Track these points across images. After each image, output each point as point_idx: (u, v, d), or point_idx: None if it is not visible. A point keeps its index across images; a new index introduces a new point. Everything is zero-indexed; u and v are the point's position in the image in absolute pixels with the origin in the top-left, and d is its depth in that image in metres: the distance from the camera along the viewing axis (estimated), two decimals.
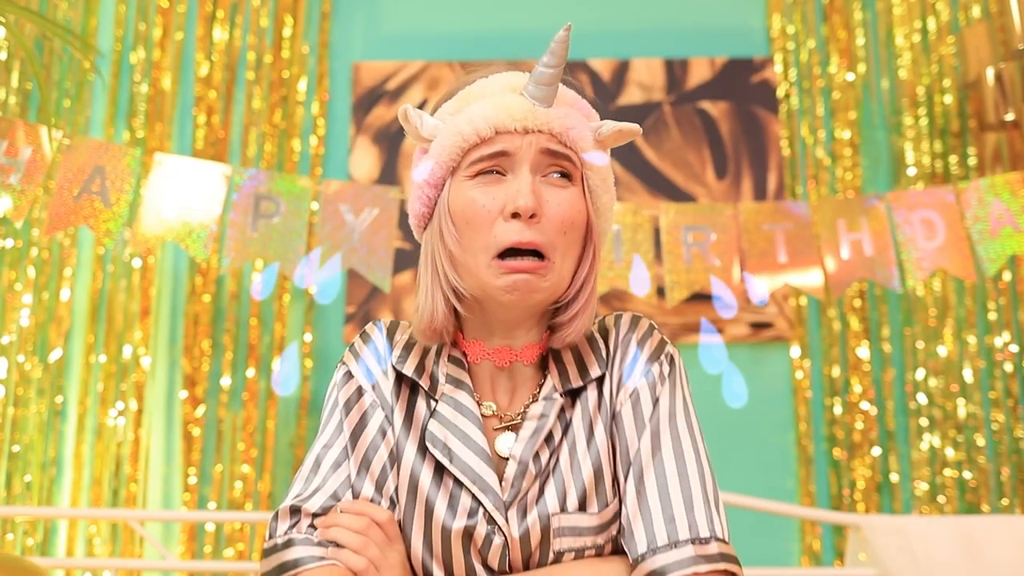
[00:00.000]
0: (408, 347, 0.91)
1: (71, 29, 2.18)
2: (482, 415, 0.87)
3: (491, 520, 0.81)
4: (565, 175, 0.84)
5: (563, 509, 0.82)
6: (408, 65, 2.28)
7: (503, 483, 0.83)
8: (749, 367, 2.15)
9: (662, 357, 0.87)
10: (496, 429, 0.87)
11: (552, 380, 0.87)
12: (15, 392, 2.10)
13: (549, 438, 0.84)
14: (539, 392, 0.87)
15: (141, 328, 2.15)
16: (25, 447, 2.09)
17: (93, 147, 1.79)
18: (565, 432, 0.85)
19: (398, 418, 0.88)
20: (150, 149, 2.18)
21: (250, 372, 2.14)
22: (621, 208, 1.86)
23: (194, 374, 2.14)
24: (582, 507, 0.82)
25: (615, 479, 0.84)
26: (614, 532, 0.84)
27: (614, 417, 0.86)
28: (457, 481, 0.83)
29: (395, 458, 0.86)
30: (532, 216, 0.80)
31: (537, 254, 0.82)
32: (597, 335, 0.91)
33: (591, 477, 0.83)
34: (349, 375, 0.90)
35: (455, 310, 0.87)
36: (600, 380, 0.88)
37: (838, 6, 2.30)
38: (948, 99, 2.24)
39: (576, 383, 0.87)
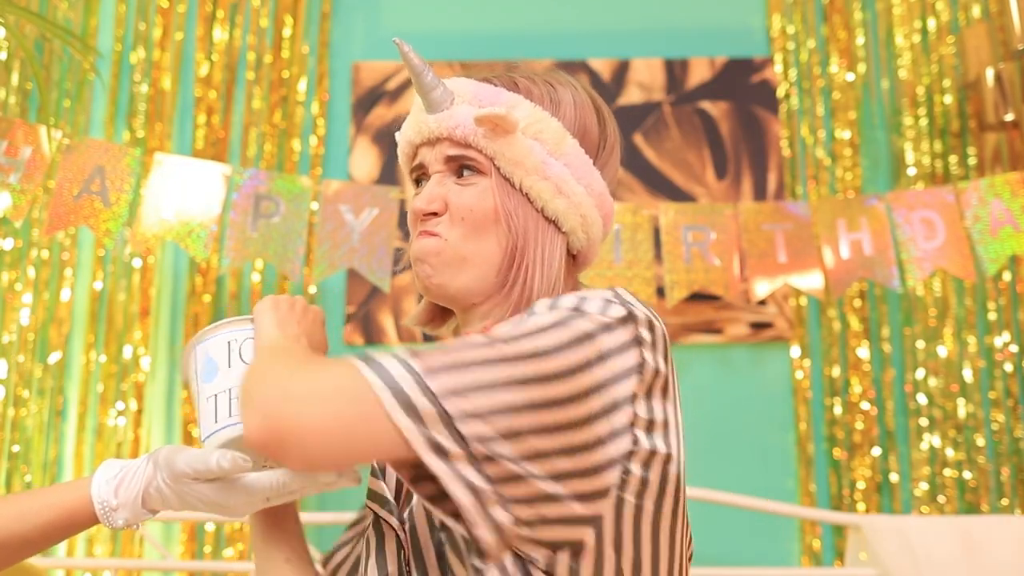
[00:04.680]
0: None
1: (71, 30, 2.18)
2: None
3: None
4: (477, 171, 0.84)
5: None
6: None
7: None
8: (749, 367, 2.15)
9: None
10: None
11: None
12: (15, 392, 2.10)
13: None
14: None
15: (141, 328, 2.15)
16: (25, 447, 2.08)
17: (93, 147, 1.79)
18: None
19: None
20: (150, 149, 2.18)
21: None
22: (621, 208, 1.86)
23: None
24: None
25: None
26: None
27: None
28: None
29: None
30: (427, 216, 0.84)
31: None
32: None
33: None
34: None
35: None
36: None
37: (838, 6, 2.30)
38: (948, 99, 2.24)
39: None
